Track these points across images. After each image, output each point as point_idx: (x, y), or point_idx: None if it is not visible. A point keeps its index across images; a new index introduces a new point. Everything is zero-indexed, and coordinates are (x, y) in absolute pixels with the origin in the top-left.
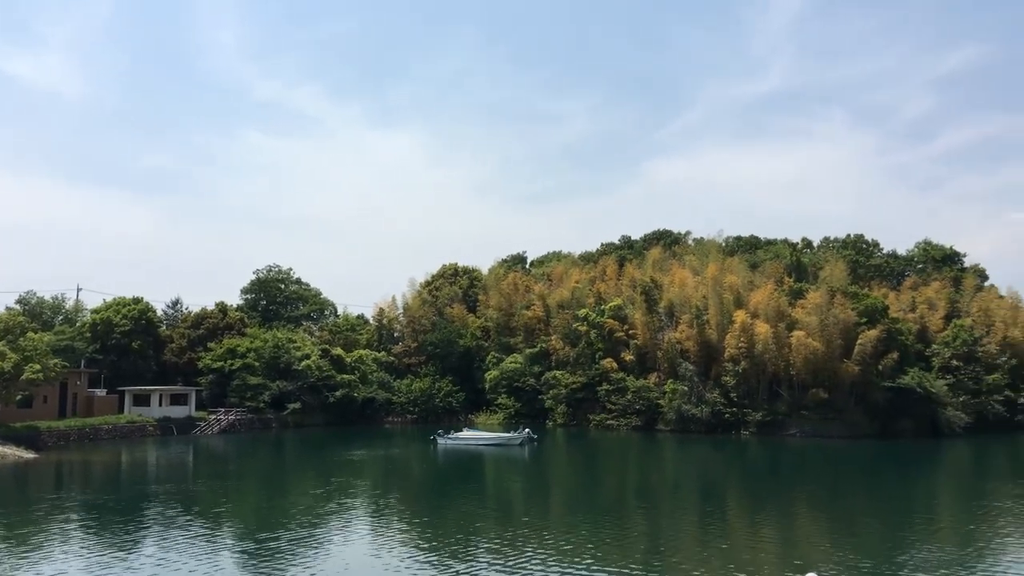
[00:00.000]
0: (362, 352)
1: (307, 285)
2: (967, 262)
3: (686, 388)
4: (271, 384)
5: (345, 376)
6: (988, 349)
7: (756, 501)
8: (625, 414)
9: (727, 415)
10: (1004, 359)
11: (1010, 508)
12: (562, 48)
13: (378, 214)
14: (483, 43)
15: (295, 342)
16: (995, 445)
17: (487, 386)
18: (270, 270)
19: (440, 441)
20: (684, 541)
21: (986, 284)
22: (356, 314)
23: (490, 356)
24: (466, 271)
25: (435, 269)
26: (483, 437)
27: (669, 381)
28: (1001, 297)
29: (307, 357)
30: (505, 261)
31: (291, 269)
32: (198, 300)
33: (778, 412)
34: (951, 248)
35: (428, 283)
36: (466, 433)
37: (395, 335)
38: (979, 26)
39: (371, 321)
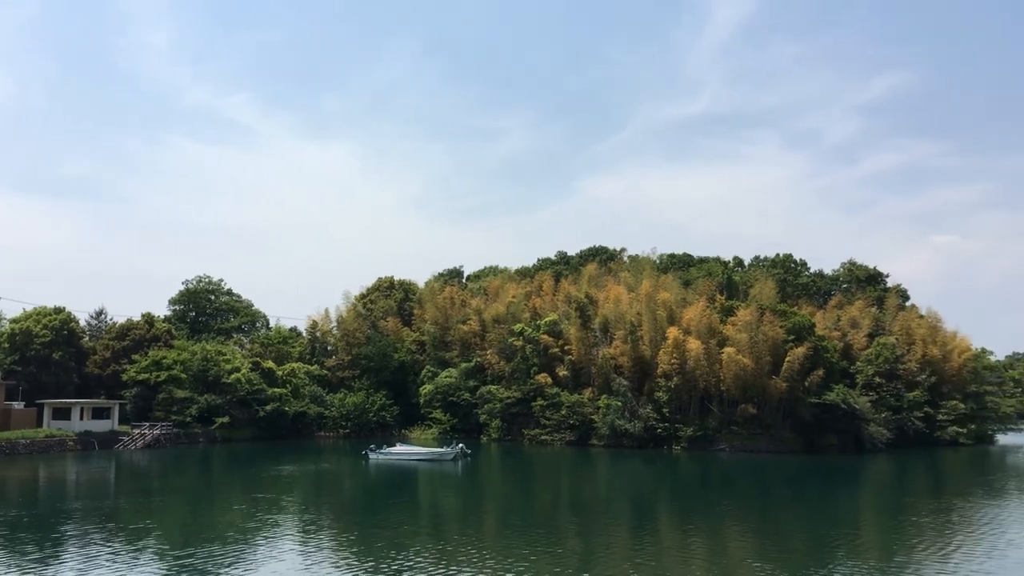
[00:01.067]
0: (294, 365)
1: (238, 297)
2: (889, 282)
3: (620, 403)
4: (199, 398)
5: (276, 390)
6: (909, 367)
7: (686, 517)
8: (559, 429)
9: (659, 430)
10: (924, 376)
11: (928, 523)
12: (497, 64)
13: (312, 225)
14: (418, 56)
15: (225, 355)
16: (915, 460)
17: (422, 400)
18: (200, 281)
19: (372, 456)
20: (615, 557)
21: (907, 304)
22: (289, 327)
23: (425, 370)
24: (402, 284)
25: (370, 282)
26: (416, 452)
27: (603, 396)
28: (921, 317)
29: (237, 370)
30: (441, 275)
31: (222, 280)
32: (123, 311)
33: (708, 427)
34: (875, 268)
35: (363, 296)
36: (399, 448)
37: (328, 348)
38: (901, 55)
39: (304, 334)
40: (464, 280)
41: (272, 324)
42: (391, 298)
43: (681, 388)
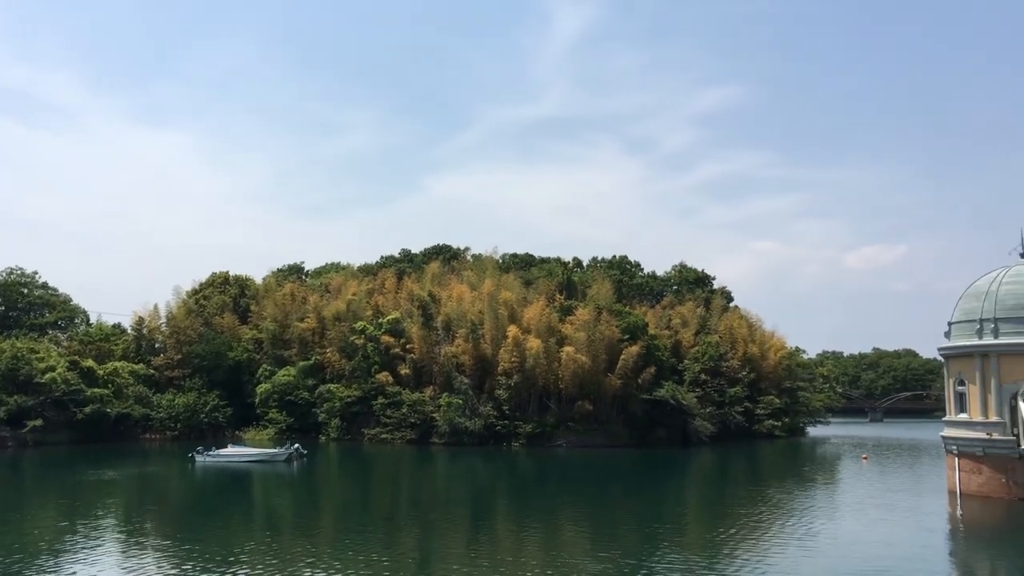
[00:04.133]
0: (117, 364)
1: (55, 290)
2: (716, 284)
3: (460, 401)
4: (7, 399)
5: (97, 390)
6: (731, 364)
7: (523, 513)
8: (400, 428)
9: (499, 428)
10: (744, 374)
11: (747, 514)
12: (343, 58)
13: (142, 217)
14: (261, 45)
15: (38, 352)
16: (735, 452)
17: (258, 400)
18: (11, 273)
19: (199, 459)
20: (453, 556)
21: (731, 305)
22: (112, 323)
23: (262, 369)
24: (238, 280)
25: (204, 277)
26: (246, 454)
27: (444, 395)
28: (743, 317)
29: (52, 369)
30: (281, 270)
31: (36, 273)
32: None
33: (547, 424)
34: (703, 271)
35: (196, 292)
36: (229, 450)
37: (157, 346)
38: (732, 70)
39: (129, 331)
40: (305, 276)
41: (93, 320)
42: (226, 294)
43: (521, 386)
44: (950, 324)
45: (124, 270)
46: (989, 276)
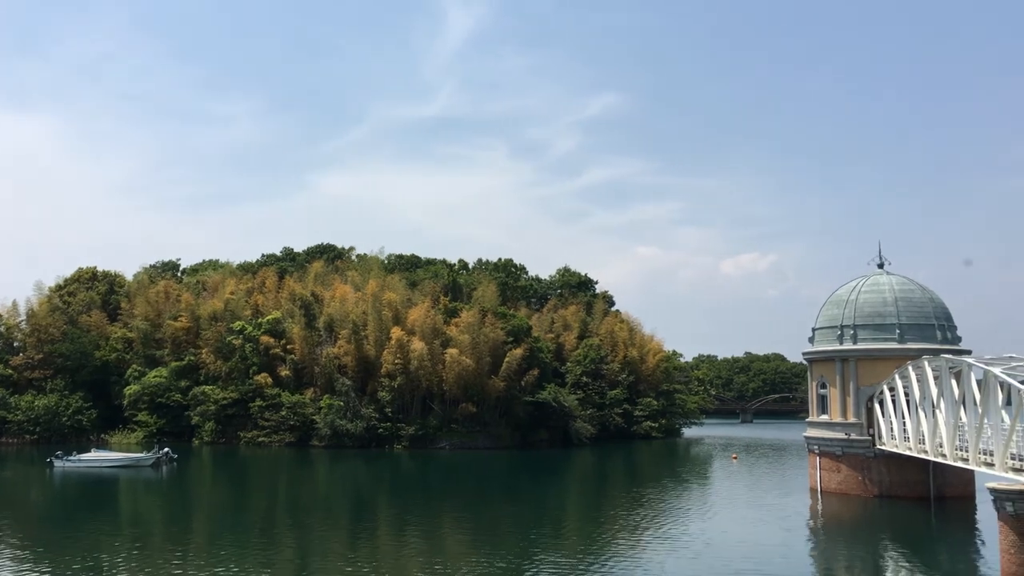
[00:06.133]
0: None
1: None
2: (598, 288)
3: (342, 403)
4: None
5: None
6: (612, 367)
7: (405, 515)
8: (279, 430)
9: (381, 430)
10: (624, 376)
11: (621, 514)
12: (224, 46)
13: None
14: (135, 28)
15: None
16: (615, 453)
17: (126, 402)
18: None
19: (58, 464)
20: (333, 560)
21: (612, 309)
22: None
23: (131, 370)
24: (107, 276)
25: (69, 272)
26: (110, 458)
27: (325, 396)
28: (623, 321)
29: None
30: (154, 267)
31: None
32: None
33: (430, 426)
34: (586, 275)
35: (60, 288)
36: (91, 454)
37: (15, 345)
38: (617, 77)
39: None
40: (181, 274)
41: None
42: (94, 291)
43: (404, 388)
44: (814, 330)
45: None
46: (849, 285)
